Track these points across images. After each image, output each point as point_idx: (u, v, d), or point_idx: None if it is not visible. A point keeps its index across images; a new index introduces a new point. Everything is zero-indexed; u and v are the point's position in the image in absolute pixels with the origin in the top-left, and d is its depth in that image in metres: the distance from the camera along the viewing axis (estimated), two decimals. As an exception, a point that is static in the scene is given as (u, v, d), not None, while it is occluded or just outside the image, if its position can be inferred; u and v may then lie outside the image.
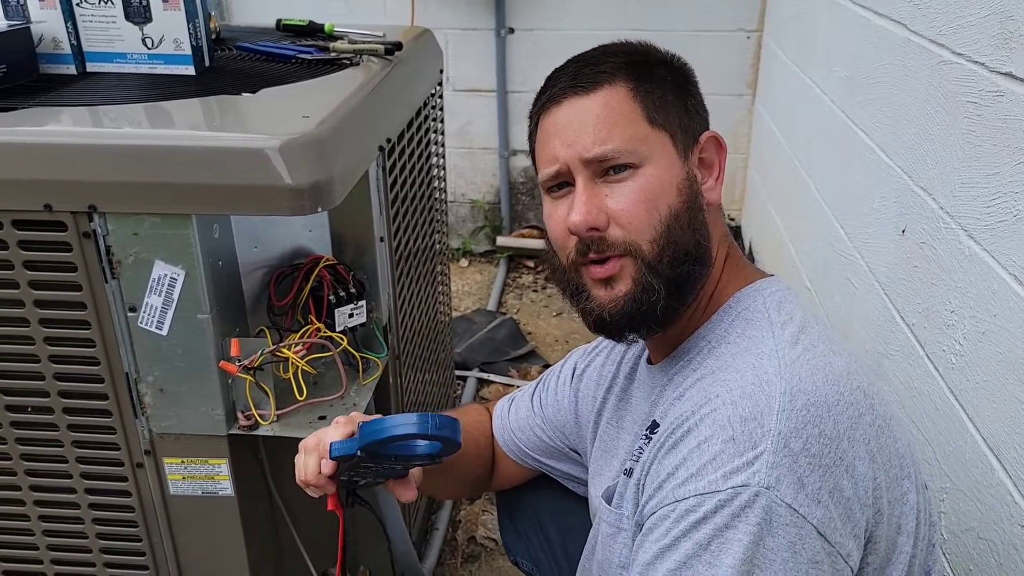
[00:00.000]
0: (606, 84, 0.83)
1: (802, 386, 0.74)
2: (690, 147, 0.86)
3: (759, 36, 2.87)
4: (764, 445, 0.71)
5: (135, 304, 1.03)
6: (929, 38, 1.28)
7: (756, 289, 0.86)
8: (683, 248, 0.82)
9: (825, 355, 0.78)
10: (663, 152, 0.83)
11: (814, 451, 0.71)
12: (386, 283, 1.29)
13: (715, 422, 0.74)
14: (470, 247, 3.35)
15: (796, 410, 0.72)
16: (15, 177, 0.97)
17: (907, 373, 1.30)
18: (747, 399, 0.74)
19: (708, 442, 0.73)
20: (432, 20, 2.94)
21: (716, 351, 0.83)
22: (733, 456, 0.71)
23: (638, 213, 0.81)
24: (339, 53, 1.36)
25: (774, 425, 0.71)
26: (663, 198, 0.81)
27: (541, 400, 1.13)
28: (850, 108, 1.72)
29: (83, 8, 1.20)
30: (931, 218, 1.23)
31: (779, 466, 0.70)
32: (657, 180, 0.81)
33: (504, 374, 2.46)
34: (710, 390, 0.77)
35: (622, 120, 0.82)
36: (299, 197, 0.96)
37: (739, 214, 3.15)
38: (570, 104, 0.84)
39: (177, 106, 1.10)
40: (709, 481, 0.71)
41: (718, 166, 0.89)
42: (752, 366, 0.77)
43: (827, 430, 0.72)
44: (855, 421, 0.75)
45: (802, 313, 0.83)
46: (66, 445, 1.12)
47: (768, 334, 0.80)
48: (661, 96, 0.84)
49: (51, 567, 1.23)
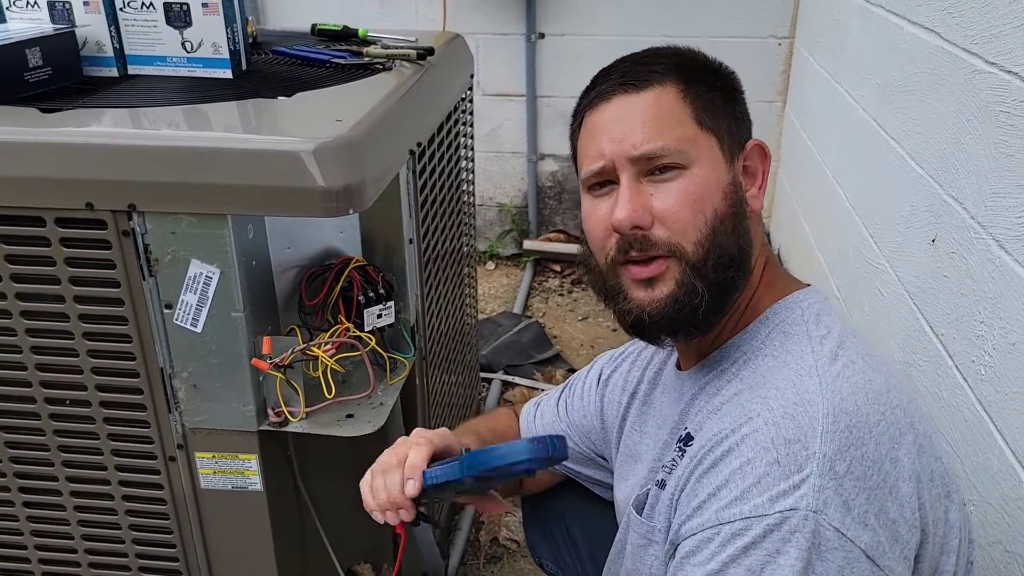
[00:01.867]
0: (657, 84, 0.82)
1: (844, 406, 0.73)
2: (736, 153, 0.85)
3: (791, 43, 2.86)
4: (809, 468, 0.70)
5: (171, 301, 1.06)
6: (962, 47, 1.28)
7: (794, 300, 0.85)
8: (727, 253, 0.81)
9: (864, 372, 0.77)
10: (710, 155, 0.82)
11: (858, 473, 0.70)
12: (414, 284, 1.30)
13: (758, 443, 0.72)
14: (497, 250, 3.36)
15: (839, 432, 0.71)
16: (59, 176, 1.00)
17: (936, 384, 1.29)
18: (790, 420, 0.72)
19: (751, 464, 0.72)
20: (463, 25, 2.97)
21: (752, 363, 0.81)
22: (779, 479, 0.70)
23: (683, 214, 0.79)
24: (372, 58, 1.39)
25: (819, 447, 0.70)
26: (709, 201, 0.80)
27: (568, 405, 1.13)
28: (881, 116, 1.71)
29: (126, 13, 1.23)
30: (962, 228, 1.22)
31: (825, 489, 0.69)
32: (704, 182, 0.81)
33: (529, 377, 2.47)
34: (750, 407, 0.76)
35: (672, 120, 0.81)
36: (331, 199, 0.98)
37: (769, 221, 3.13)
38: (619, 101, 0.83)
39: (214, 109, 1.13)
40: (755, 505, 0.70)
41: (762, 174, 0.88)
42: (793, 383, 0.76)
43: (870, 452, 0.72)
44: (897, 441, 0.74)
45: (840, 326, 0.82)
46: (102, 438, 1.15)
47: (807, 348, 0.79)
48: (710, 100, 0.84)
49: (84, 556, 1.26)
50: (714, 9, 2.86)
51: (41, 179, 1.00)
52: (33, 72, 1.15)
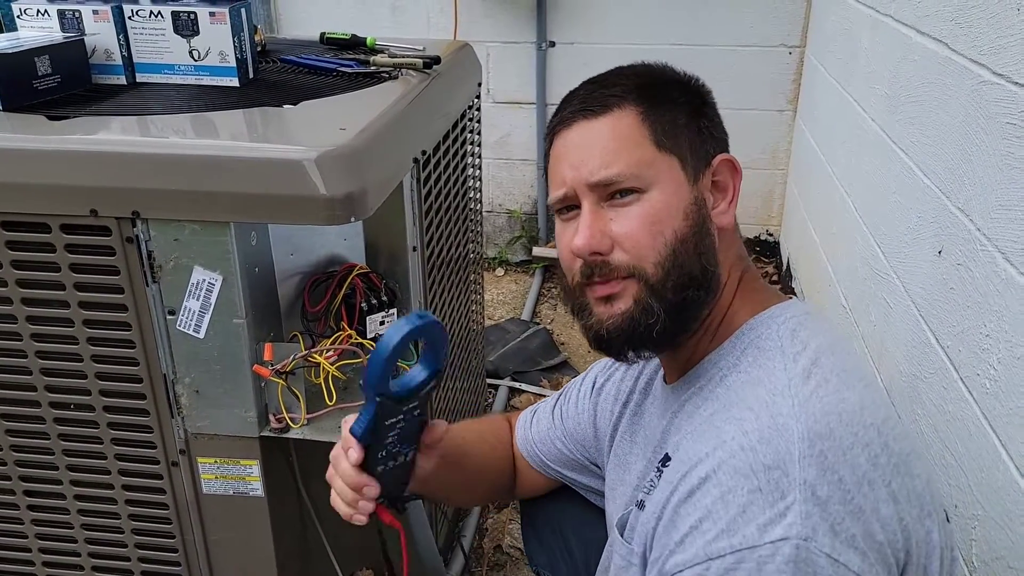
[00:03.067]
0: (615, 107, 0.83)
1: (817, 429, 0.72)
2: (701, 170, 0.85)
3: (801, 52, 2.85)
4: (793, 495, 0.69)
5: (174, 307, 1.06)
6: (970, 58, 1.27)
7: (770, 315, 0.84)
8: (688, 273, 0.81)
9: (838, 391, 0.76)
10: (670, 176, 0.82)
11: (839, 497, 0.70)
12: (418, 292, 1.31)
13: (736, 470, 0.72)
14: (506, 257, 3.37)
15: (815, 456, 0.70)
16: (64, 183, 1.01)
17: (941, 396, 1.28)
18: (765, 444, 0.72)
19: (733, 493, 0.71)
20: (475, 33, 2.98)
21: (727, 380, 0.81)
22: (764, 507, 0.69)
23: (642, 237, 0.81)
24: (379, 66, 1.39)
25: (798, 473, 0.70)
26: (668, 222, 0.81)
27: (562, 412, 1.13)
28: (890, 126, 1.70)
29: (134, 21, 1.24)
30: (968, 239, 1.22)
31: (812, 515, 0.68)
32: (663, 204, 0.81)
33: (536, 384, 2.47)
34: (723, 429, 0.75)
35: (629, 144, 0.82)
36: (333, 207, 0.99)
37: (778, 230, 3.12)
38: (579, 127, 0.84)
39: (220, 117, 1.14)
40: (744, 536, 0.69)
41: (732, 190, 0.87)
42: (766, 404, 0.75)
43: (846, 475, 0.71)
44: (872, 463, 0.73)
45: (817, 342, 0.81)
46: (105, 442, 1.16)
47: (780, 366, 0.78)
48: (671, 119, 0.84)
49: (88, 560, 1.27)
50: (724, 17, 2.86)
51: (46, 186, 1.01)
52: (42, 80, 1.16)
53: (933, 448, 1.29)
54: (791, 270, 2.81)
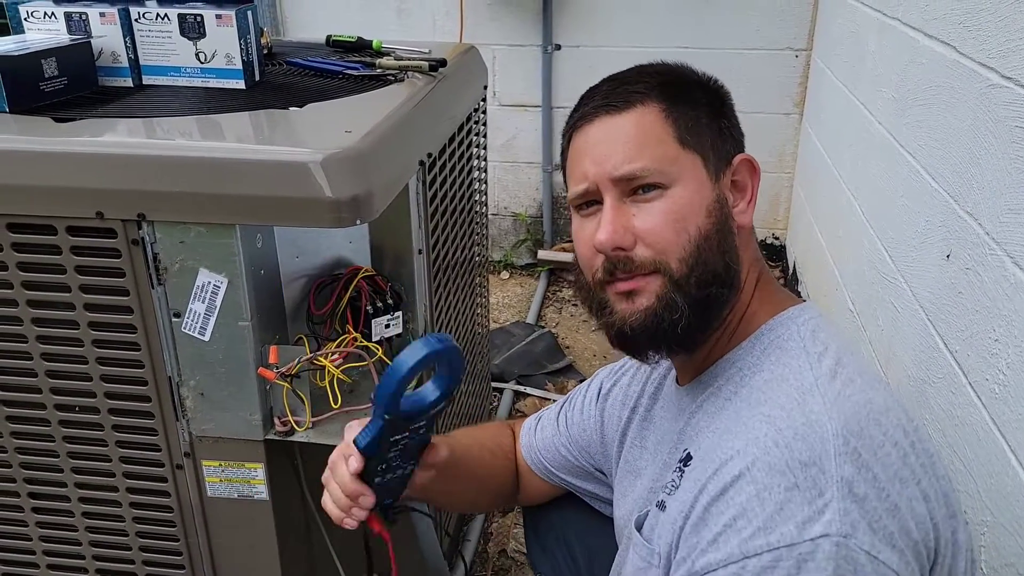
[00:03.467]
0: (639, 104, 0.83)
1: (850, 427, 0.71)
2: (722, 169, 0.85)
3: (808, 55, 2.85)
4: (831, 492, 0.68)
5: (179, 310, 1.06)
6: (978, 61, 1.26)
7: (789, 316, 0.84)
8: (712, 270, 0.81)
9: (864, 390, 0.76)
10: (693, 173, 0.82)
11: (875, 493, 0.69)
12: (423, 295, 1.30)
13: (771, 467, 0.71)
14: (512, 260, 3.37)
15: (851, 453, 0.70)
16: (70, 185, 1.01)
17: (949, 401, 1.27)
18: (800, 441, 0.71)
19: (769, 490, 0.70)
20: (481, 36, 2.98)
21: (750, 380, 0.81)
22: (801, 504, 0.68)
23: (666, 233, 0.80)
24: (384, 69, 1.39)
25: (835, 470, 0.69)
26: (692, 219, 0.81)
27: (567, 419, 1.13)
28: (897, 129, 1.69)
29: (141, 24, 1.24)
30: (977, 244, 1.21)
31: (851, 512, 0.68)
32: (686, 201, 0.81)
33: (541, 387, 2.46)
34: (753, 427, 0.75)
35: (653, 140, 0.81)
36: (339, 210, 0.98)
37: (784, 233, 3.12)
38: (602, 122, 0.84)
39: (226, 119, 1.14)
40: (783, 534, 0.68)
41: (751, 189, 0.88)
42: (797, 402, 0.74)
43: (879, 473, 0.70)
44: (903, 461, 0.73)
45: (837, 343, 0.81)
46: (110, 445, 1.16)
47: (805, 364, 0.78)
48: (694, 117, 0.84)
49: (92, 563, 1.26)
50: (731, 21, 2.86)
51: (53, 188, 1.01)
52: (49, 82, 1.16)
53: (942, 453, 1.28)
54: (797, 274, 2.80)
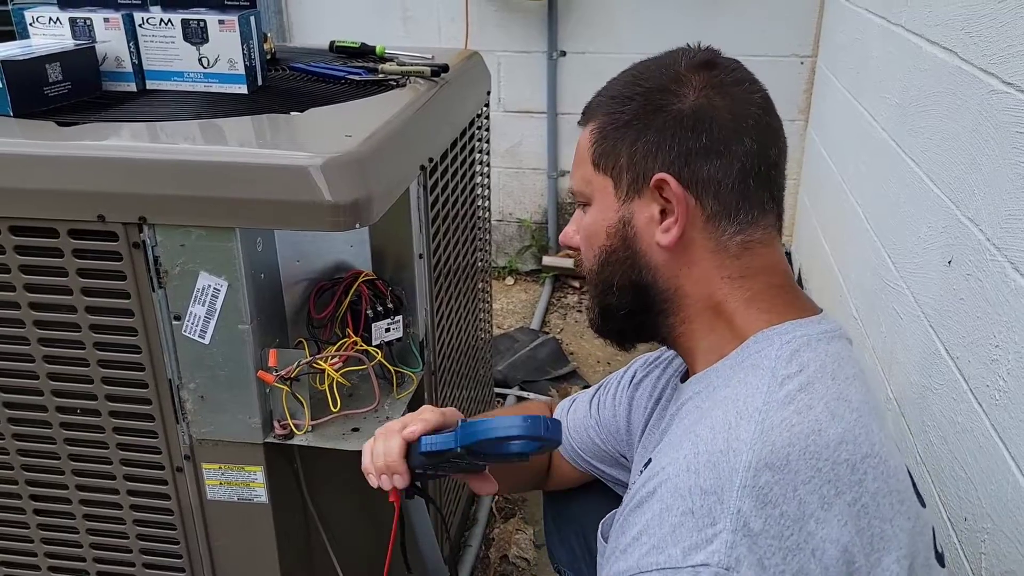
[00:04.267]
0: (589, 120, 0.88)
1: (771, 460, 0.71)
2: (639, 188, 0.82)
3: (813, 62, 2.85)
4: (723, 523, 0.69)
5: (180, 313, 1.07)
6: (979, 67, 1.26)
7: (779, 332, 0.81)
8: (611, 284, 0.87)
9: (819, 420, 0.74)
10: (601, 195, 0.86)
11: (775, 532, 0.69)
12: (424, 299, 1.31)
13: (676, 489, 0.73)
14: (516, 266, 3.37)
15: (759, 487, 0.70)
16: (72, 188, 1.02)
17: (951, 408, 1.27)
18: (710, 469, 0.72)
19: (668, 512, 0.72)
20: (486, 43, 2.99)
21: (715, 395, 0.80)
22: (691, 531, 0.70)
23: (582, 246, 0.90)
24: (387, 74, 1.40)
25: (734, 502, 0.69)
26: (596, 238, 0.87)
27: (600, 403, 1.13)
28: (900, 136, 1.69)
29: (145, 29, 1.26)
30: (978, 249, 1.21)
31: (738, 546, 0.68)
32: (592, 221, 0.87)
33: (545, 393, 2.46)
34: (683, 446, 0.76)
35: (581, 161, 0.88)
36: (338, 213, 0.99)
37: (789, 240, 3.11)
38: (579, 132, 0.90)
39: (227, 123, 1.14)
40: (669, 555, 0.70)
41: (676, 208, 0.81)
42: (730, 426, 0.74)
43: (790, 510, 0.70)
44: (829, 501, 0.71)
45: (817, 365, 0.78)
46: (111, 447, 1.16)
47: (763, 387, 0.76)
48: (616, 137, 0.83)
49: (93, 565, 1.27)
50: (736, 27, 2.86)
51: (55, 191, 1.02)
52: (53, 86, 1.17)
53: (943, 460, 1.28)
54: (802, 281, 2.80)
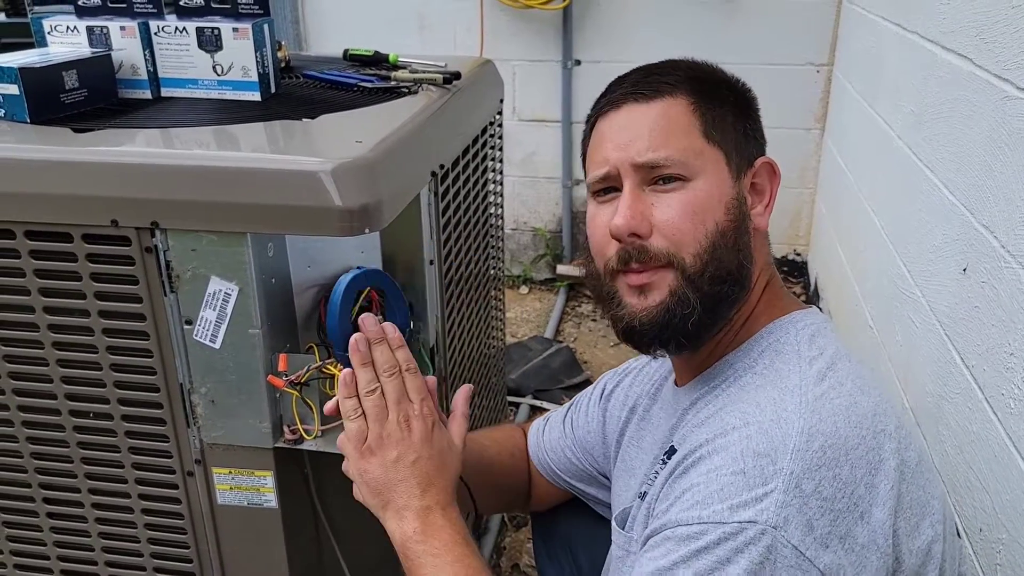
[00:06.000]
0: (667, 95, 0.83)
1: (821, 427, 0.72)
2: (744, 169, 0.85)
3: (829, 70, 2.83)
4: (775, 483, 0.69)
5: (191, 317, 1.07)
6: (994, 73, 1.25)
7: (790, 320, 0.85)
8: (726, 267, 0.81)
9: (852, 394, 0.76)
10: (715, 169, 0.82)
11: (826, 495, 0.70)
12: (434, 306, 1.31)
13: (728, 453, 0.73)
14: (531, 275, 3.37)
15: (811, 451, 0.71)
16: (87, 193, 1.03)
17: (966, 417, 1.25)
18: (763, 434, 0.73)
19: (717, 471, 0.72)
20: (501, 52, 3.00)
21: (741, 380, 0.81)
22: (741, 489, 0.70)
23: (684, 225, 0.80)
24: (399, 82, 1.41)
25: (787, 464, 0.70)
26: (710, 214, 0.80)
27: (573, 422, 1.13)
28: (915, 143, 1.68)
29: (160, 37, 1.27)
30: (992, 257, 1.19)
31: (788, 506, 0.69)
32: (706, 195, 0.81)
33: (557, 402, 2.45)
34: (727, 420, 0.76)
35: (679, 131, 0.81)
36: (348, 218, 0.99)
37: (806, 249, 3.09)
38: (628, 109, 0.83)
39: (240, 130, 1.15)
40: (714, 511, 0.70)
41: (769, 193, 0.88)
42: (773, 400, 0.75)
43: (842, 474, 0.71)
44: (875, 467, 0.73)
45: (834, 348, 0.81)
46: (123, 451, 1.17)
47: (795, 368, 0.78)
48: (720, 115, 0.84)
49: (105, 568, 1.27)
50: (752, 36, 2.86)
51: (70, 196, 1.03)
52: (69, 93, 1.19)
53: (958, 469, 1.26)
54: (819, 290, 2.78)
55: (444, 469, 0.88)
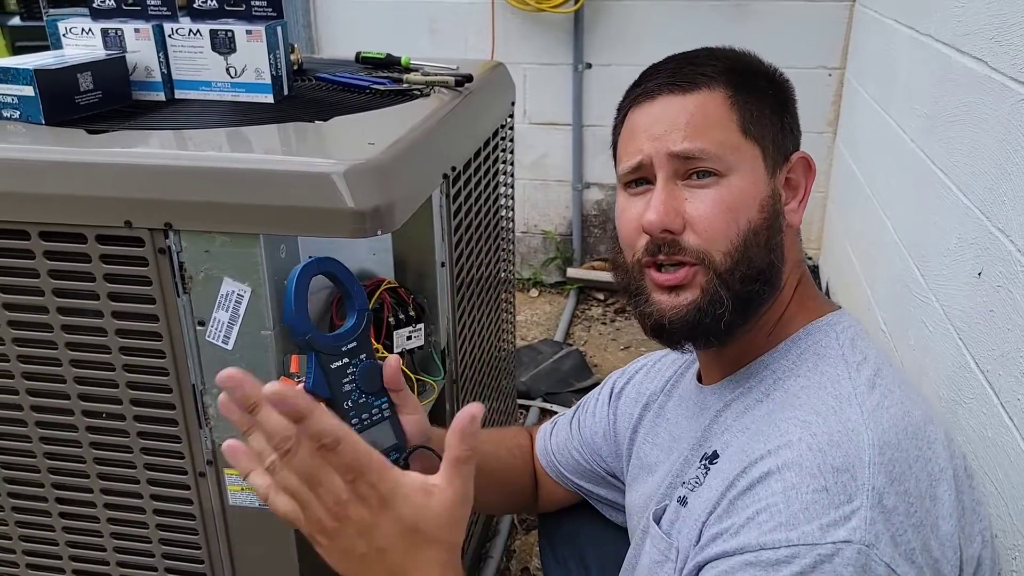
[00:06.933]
0: (704, 87, 0.81)
1: (886, 438, 0.71)
2: (780, 165, 0.83)
3: (841, 74, 2.82)
4: (860, 499, 0.68)
5: (204, 319, 1.08)
6: (1010, 75, 1.24)
7: (828, 323, 0.83)
8: (757, 266, 0.79)
9: (903, 403, 0.75)
10: (752, 165, 0.80)
11: (904, 509, 0.69)
12: (446, 308, 1.31)
13: (803, 468, 0.70)
14: (541, 278, 3.36)
15: (885, 464, 0.69)
16: (101, 194, 1.03)
17: (980, 422, 1.24)
18: (836, 447, 0.70)
19: (797, 489, 0.69)
20: (512, 55, 3.01)
21: (784, 384, 0.79)
22: (828, 508, 0.68)
23: (716, 222, 0.78)
24: (411, 84, 1.41)
25: (868, 479, 0.68)
26: (744, 211, 0.79)
27: (580, 423, 1.13)
28: (929, 147, 1.67)
29: (174, 39, 1.28)
30: (1008, 261, 1.18)
31: (876, 522, 0.67)
32: (740, 192, 0.79)
33: (567, 405, 2.45)
34: (787, 429, 0.74)
35: (715, 124, 0.79)
36: (360, 220, 0.99)
37: (817, 253, 3.08)
38: (664, 101, 0.81)
39: (253, 132, 1.16)
40: (804, 532, 0.68)
41: (804, 189, 0.86)
42: (833, 409, 0.73)
43: (911, 488, 0.70)
44: (935, 478, 0.72)
45: (876, 353, 0.80)
46: (135, 452, 1.17)
47: (844, 373, 0.77)
48: (758, 108, 0.82)
49: (116, 569, 1.28)
50: (763, 39, 2.84)
51: (84, 197, 1.03)
52: (84, 95, 1.20)
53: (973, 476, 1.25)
54: (830, 294, 2.76)
55: (418, 547, 0.64)
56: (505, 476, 1.13)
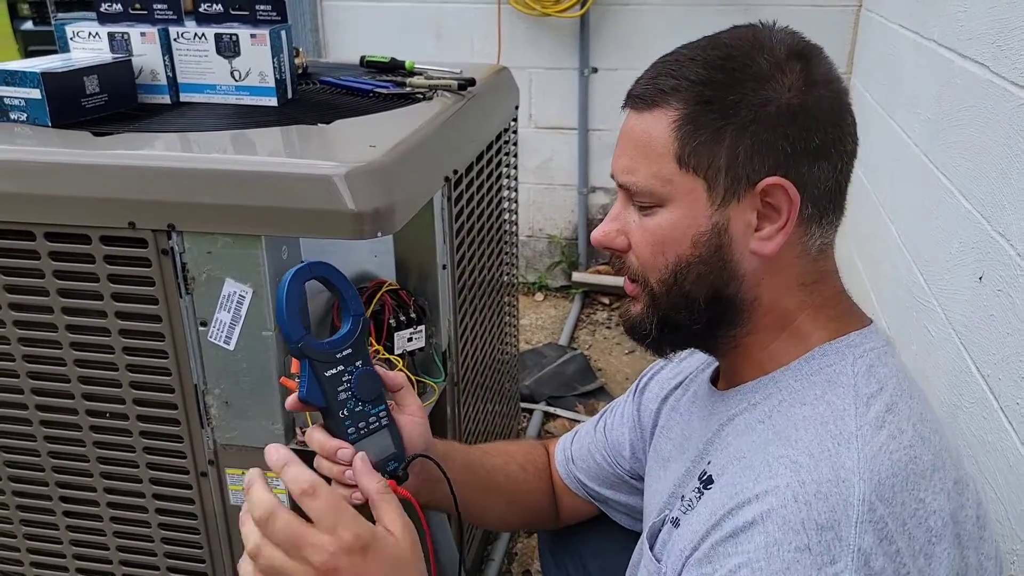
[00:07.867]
0: (659, 106, 0.77)
1: (882, 492, 0.67)
2: (739, 192, 0.76)
3: (847, 79, 2.82)
4: (844, 562, 0.65)
5: (206, 319, 1.09)
6: (1011, 80, 1.25)
7: (848, 344, 0.78)
8: (694, 296, 0.78)
9: (912, 446, 0.71)
10: (687, 199, 0.76)
11: (892, 569, 0.66)
12: (447, 310, 1.31)
13: (785, 522, 0.67)
14: (546, 281, 3.37)
15: (875, 522, 0.66)
16: (105, 196, 1.04)
17: (981, 427, 1.24)
18: (822, 501, 0.67)
19: (779, 546, 0.67)
20: (518, 59, 3.01)
21: (788, 409, 0.76)
22: (809, 569, 0.65)
23: (645, 253, 0.80)
24: (414, 88, 1.42)
25: (853, 539, 0.65)
26: (671, 246, 0.78)
27: (606, 424, 1.12)
28: (932, 151, 1.67)
29: (179, 43, 1.29)
30: (1008, 265, 1.18)
31: None
32: (671, 227, 0.77)
33: (571, 409, 2.45)
34: (777, 470, 0.71)
35: (652, 154, 0.77)
36: (361, 222, 1.00)
37: (823, 258, 3.08)
38: (629, 118, 0.81)
39: (256, 134, 1.17)
40: None
41: (785, 215, 0.76)
42: (829, 452, 0.70)
43: (903, 547, 0.67)
44: (935, 535, 0.69)
45: (895, 382, 0.75)
46: (138, 451, 1.18)
47: (851, 408, 0.73)
48: (713, 131, 0.75)
49: (119, 568, 1.29)
50: (769, 44, 2.85)
51: (88, 198, 1.05)
52: (90, 98, 1.21)
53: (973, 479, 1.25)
54: (835, 299, 2.76)
55: None
56: (513, 491, 1.10)
